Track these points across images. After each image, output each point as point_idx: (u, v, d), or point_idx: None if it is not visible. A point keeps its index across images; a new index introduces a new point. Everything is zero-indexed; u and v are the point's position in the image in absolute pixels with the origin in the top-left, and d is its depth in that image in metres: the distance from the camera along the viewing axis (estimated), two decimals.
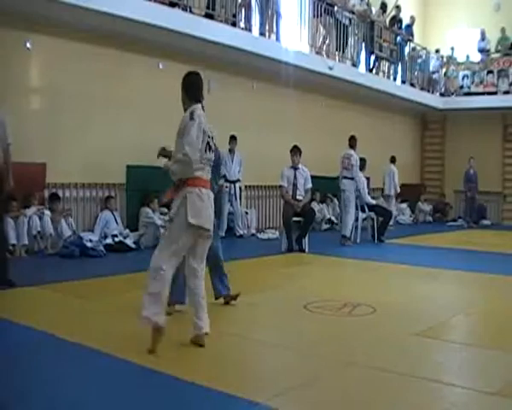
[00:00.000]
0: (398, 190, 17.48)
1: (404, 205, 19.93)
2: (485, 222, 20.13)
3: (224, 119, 13.56)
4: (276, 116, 15.17)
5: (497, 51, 21.82)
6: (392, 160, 17.84)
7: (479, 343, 5.85)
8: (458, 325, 6.67)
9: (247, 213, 14.04)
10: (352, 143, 13.39)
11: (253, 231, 14.13)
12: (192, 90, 5.39)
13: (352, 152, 13.32)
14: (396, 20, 19.04)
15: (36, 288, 7.47)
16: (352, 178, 13.20)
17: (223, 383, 4.24)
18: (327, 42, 15.67)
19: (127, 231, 11.42)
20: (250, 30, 13.42)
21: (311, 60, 14.63)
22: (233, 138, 13.43)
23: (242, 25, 13.24)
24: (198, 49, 12.42)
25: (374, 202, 14.38)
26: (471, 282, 9.32)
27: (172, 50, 12.47)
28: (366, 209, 13.89)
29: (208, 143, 5.10)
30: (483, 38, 21.89)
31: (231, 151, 13.48)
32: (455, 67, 21.82)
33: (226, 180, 13.47)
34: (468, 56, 21.92)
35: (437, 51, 21.86)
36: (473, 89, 21.21)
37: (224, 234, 13.36)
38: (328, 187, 15.77)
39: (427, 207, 20.91)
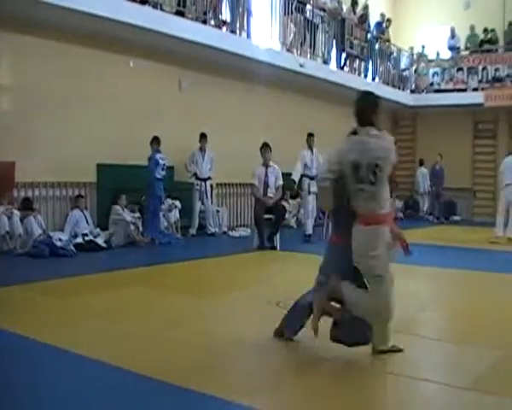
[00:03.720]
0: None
1: None
2: (456, 218, 20.34)
3: (195, 117, 13.64)
4: (247, 114, 15.21)
5: (466, 49, 22.04)
6: (421, 163, 18.76)
7: (449, 339, 5.92)
8: (429, 321, 6.73)
9: (218, 210, 14.03)
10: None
11: (225, 229, 14.12)
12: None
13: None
14: (364, 18, 19.11)
15: (5, 288, 7.40)
16: (311, 177, 13.22)
17: (205, 385, 4.26)
18: (298, 39, 15.69)
19: (98, 230, 11.39)
20: (221, 27, 13.41)
21: (282, 57, 14.65)
22: (203, 136, 13.41)
23: (213, 22, 13.21)
24: (168, 46, 12.42)
25: None
26: (441, 277, 9.43)
27: (143, 48, 12.45)
28: None
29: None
30: (453, 35, 22.08)
31: (202, 149, 13.46)
32: (425, 65, 21.98)
33: (197, 178, 13.47)
34: (438, 54, 22.10)
35: (410, 49, 22.01)
36: (443, 86, 21.41)
37: (195, 232, 13.40)
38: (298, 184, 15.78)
39: (399, 204, 21.06)
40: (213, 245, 12.56)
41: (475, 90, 20.57)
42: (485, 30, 21.62)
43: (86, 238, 10.83)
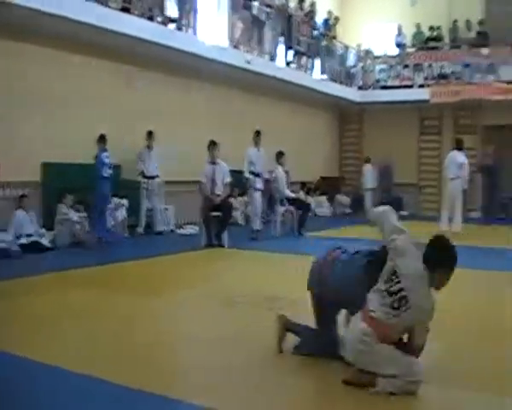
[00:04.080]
0: None
1: (322, 198, 20.19)
2: (402, 213, 20.51)
3: (143, 114, 13.52)
4: (195, 111, 15.14)
5: (412, 46, 22.33)
6: (367, 160, 19.89)
7: None
8: None
9: (166, 209, 13.94)
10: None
11: (173, 227, 14.03)
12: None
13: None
14: (311, 15, 19.18)
15: None
16: (257, 175, 13.28)
17: (152, 384, 4.25)
18: (245, 36, 15.67)
19: (43, 230, 11.20)
20: (167, 24, 13.31)
21: (228, 54, 14.61)
22: (150, 134, 13.32)
23: (159, 19, 13.10)
24: (114, 43, 12.29)
25: (293, 195, 14.51)
26: None
27: (89, 45, 12.28)
28: (285, 203, 14.00)
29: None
30: (399, 32, 22.39)
31: (149, 147, 13.36)
32: (372, 61, 22.18)
33: (144, 176, 13.36)
34: (385, 51, 22.28)
35: (357, 46, 22.16)
36: (389, 82, 21.66)
37: (143, 231, 13.30)
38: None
39: (346, 200, 21.25)
40: (161, 244, 12.46)
41: (421, 86, 20.88)
42: (431, 27, 22.02)
43: (30, 239, 10.64)
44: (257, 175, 13.29)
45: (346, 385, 4.21)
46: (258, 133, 13.39)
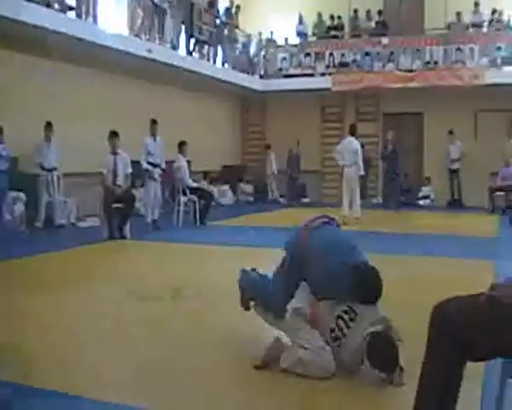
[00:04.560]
0: None
1: (225, 187, 20.26)
2: (305, 200, 20.88)
3: (41, 105, 13.18)
4: (95, 101, 14.87)
5: (314, 35, 22.60)
6: (268, 147, 20.50)
7: None
8: None
9: (65, 201, 13.68)
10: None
11: (73, 220, 13.79)
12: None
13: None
14: (213, 3, 19.13)
15: None
16: (154, 165, 13.25)
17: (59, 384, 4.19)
18: (146, 25, 15.51)
19: None
20: (65, 12, 13.01)
21: (129, 43, 14.43)
22: (49, 125, 13.00)
23: (57, 6, 12.79)
24: (10, 31, 11.90)
25: (195, 184, 14.51)
26: None
27: None
28: (188, 192, 13.98)
29: None
30: (301, 21, 22.60)
31: (47, 139, 13.04)
32: (274, 50, 22.32)
33: (43, 169, 13.04)
34: (286, 39, 22.43)
35: (259, 34, 22.23)
36: (291, 71, 21.81)
37: (42, 225, 13.00)
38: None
39: (249, 188, 21.39)
40: (62, 237, 12.25)
41: (323, 75, 21.13)
42: (332, 17, 22.30)
43: None
44: (155, 166, 13.23)
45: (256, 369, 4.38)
46: (154, 122, 13.33)
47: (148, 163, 13.16)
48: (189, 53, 17.58)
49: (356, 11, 22.14)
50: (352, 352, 4.17)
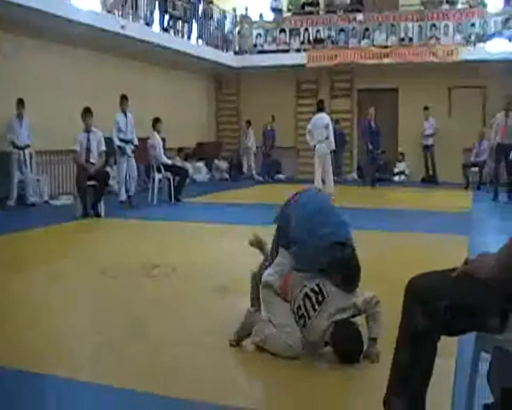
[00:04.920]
0: None
1: (200, 163, 20.19)
2: (280, 176, 20.89)
3: (13, 82, 12.99)
4: (68, 78, 14.69)
5: (288, 10, 22.47)
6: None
7: None
8: None
9: (38, 179, 13.54)
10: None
11: (46, 198, 13.66)
12: None
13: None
14: None
15: None
16: (126, 141, 13.15)
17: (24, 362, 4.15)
18: (119, 0, 15.31)
19: None
20: None
21: (102, 19, 14.22)
22: (20, 102, 12.81)
23: None
24: None
25: (170, 161, 14.44)
26: (266, 235, 9.65)
27: None
28: (162, 169, 13.91)
29: None
30: None
31: (19, 116, 12.85)
32: (248, 26, 22.17)
33: (15, 147, 12.86)
34: (261, 15, 22.30)
35: (233, 10, 22.06)
36: (266, 47, 21.68)
37: (14, 203, 12.86)
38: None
39: (224, 165, 21.34)
40: (35, 216, 12.13)
41: (298, 51, 21.06)
42: None
43: None
44: (127, 142, 13.12)
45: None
46: (124, 98, 13.21)
47: (120, 140, 13.04)
48: (164, 29, 17.41)
49: None
50: (314, 335, 4.16)
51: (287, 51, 21.17)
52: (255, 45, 21.86)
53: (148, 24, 16.68)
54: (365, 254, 4.37)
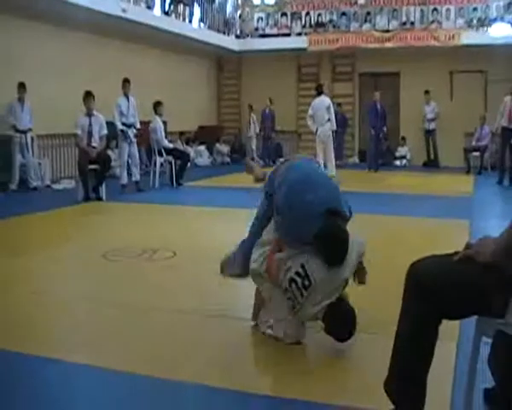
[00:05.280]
0: None
1: (201, 147, 20.17)
2: (282, 160, 20.83)
3: (13, 65, 12.96)
4: (69, 61, 14.65)
5: None
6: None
7: None
8: None
9: (40, 163, 13.54)
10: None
11: (48, 182, 13.67)
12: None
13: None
14: None
15: None
16: (128, 125, 13.11)
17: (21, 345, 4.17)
18: None
19: None
20: None
21: (103, 2, 14.15)
22: (22, 86, 12.77)
23: None
24: None
25: (171, 145, 14.44)
26: None
27: None
28: (164, 153, 13.91)
29: None
30: None
31: (21, 100, 12.83)
32: (250, 10, 22.09)
33: (16, 130, 12.85)
34: None
35: None
36: (268, 31, 21.64)
37: (16, 187, 12.87)
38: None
39: (225, 149, 21.33)
40: (36, 200, 12.14)
41: (299, 35, 21.02)
42: None
43: None
44: (129, 126, 13.09)
45: None
46: (126, 81, 13.17)
47: (123, 124, 13.01)
48: (165, 12, 17.36)
49: None
50: (305, 317, 4.11)
51: (288, 35, 21.14)
52: (256, 29, 21.80)
53: (150, 7, 16.63)
54: (367, 238, 4.36)
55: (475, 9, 19.23)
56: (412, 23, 19.83)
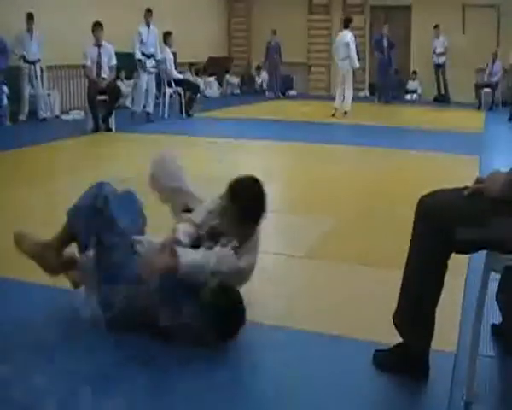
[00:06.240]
0: None
1: (211, 78, 19.99)
2: (292, 92, 20.74)
3: None
4: None
5: None
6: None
7: (284, 209, 6.15)
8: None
9: (49, 94, 13.47)
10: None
11: (57, 113, 13.63)
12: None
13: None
14: None
15: None
16: (148, 55, 13.04)
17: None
18: None
19: None
20: None
21: None
22: (30, 17, 12.57)
23: None
24: None
25: (181, 76, 14.39)
26: (278, 151, 9.85)
27: None
28: (173, 84, 13.85)
29: None
30: None
31: (29, 30, 12.67)
32: None
33: (25, 61, 12.73)
34: None
35: None
36: None
37: (25, 118, 12.84)
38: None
39: (235, 80, 21.18)
40: (46, 130, 12.06)
41: None
42: None
43: None
44: (148, 56, 13.02)
45: None
46: (148, 11, 13.08)
47: (142, 54, 12.95)
48: None
49: None
50: None
51: None
52: None
53: None
54: (375, 170, 4.38)
55: None
56: None
